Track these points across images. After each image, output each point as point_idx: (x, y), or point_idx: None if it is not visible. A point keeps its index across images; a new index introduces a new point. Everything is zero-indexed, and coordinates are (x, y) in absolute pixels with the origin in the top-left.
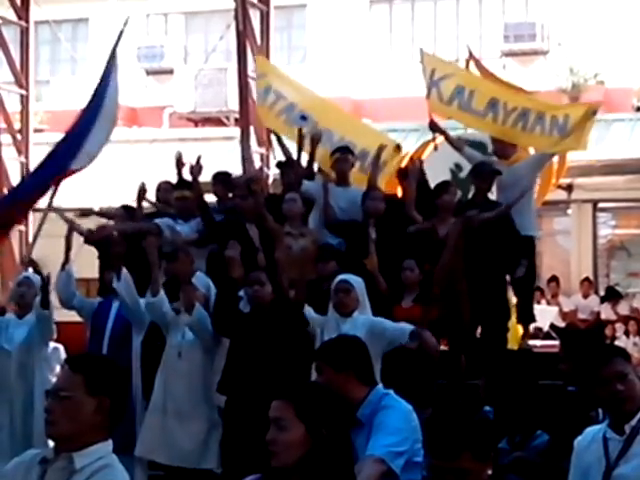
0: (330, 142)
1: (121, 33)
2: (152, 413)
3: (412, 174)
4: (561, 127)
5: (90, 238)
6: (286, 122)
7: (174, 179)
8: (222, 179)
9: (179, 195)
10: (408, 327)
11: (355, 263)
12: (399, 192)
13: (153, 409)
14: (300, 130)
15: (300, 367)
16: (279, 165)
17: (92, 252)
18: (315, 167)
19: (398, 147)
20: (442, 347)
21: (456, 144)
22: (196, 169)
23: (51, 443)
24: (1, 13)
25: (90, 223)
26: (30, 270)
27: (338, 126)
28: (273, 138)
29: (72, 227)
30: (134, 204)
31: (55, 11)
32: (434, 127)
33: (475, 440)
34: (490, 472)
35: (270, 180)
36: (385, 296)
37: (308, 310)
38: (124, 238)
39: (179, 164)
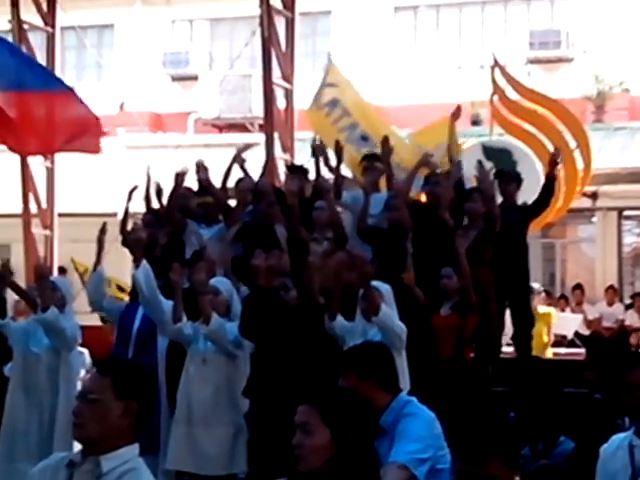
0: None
1: None
2: (178, 424)
3: (452, 175)
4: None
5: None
6: (347, 140)
7: (196, 185)
8: (244, 185)
9: (201, 201)
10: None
11: (380, 270)
12: (423, 197)
13: (178, 420)
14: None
15: (326, 371)
16: (290, 169)
17: (117, 257)
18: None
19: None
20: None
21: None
22: (202, 174)
23: (76, 447)
24: (28, 19)
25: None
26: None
27: (396, 151)
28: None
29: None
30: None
31: (81, 17)
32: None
33: (504, 446)
34: (518, 479)
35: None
36: (424, 307)
37: (339, 318)
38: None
39: (199, 171)
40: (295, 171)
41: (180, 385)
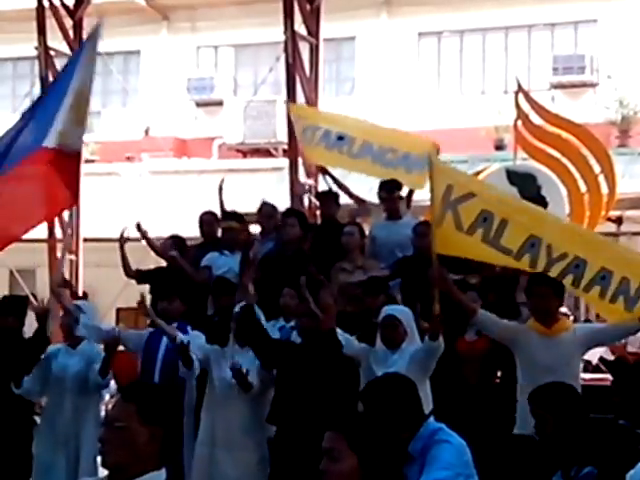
0: (371, 153)
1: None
2: (201, 445)
3: None
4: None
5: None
6: (326, 148)
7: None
8: (267, 211)
9: (225, 226)
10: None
11: (409, 297)
12: None
13: (202, 442)
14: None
15: (346, 397)
16: (319, 196)
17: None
18: None
19: (436, 147)
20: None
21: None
22: (143, 231)
23: (102, 472)
24: (54, 45)
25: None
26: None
27: (374, 136)
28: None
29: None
30: (182, 235)
31: (107, 43)
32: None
33: (532, 471)
34: None
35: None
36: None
37: (351, 339)
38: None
39: (220, 192)
40: (324, 196)
41: (204, 407)
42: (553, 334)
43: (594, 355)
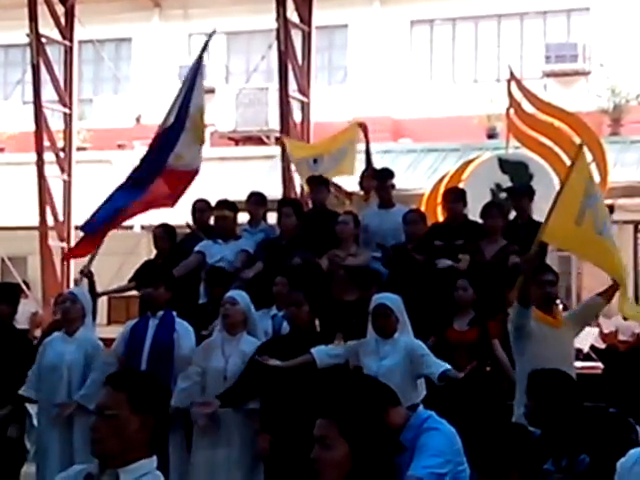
0: (335, 160)
1: (205, 45)
2: (198, 445)
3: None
4: None
5: None
6: (309, 173)
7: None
8: (256, 199)
9: (219, 214)
10: (442, 367)
11: (399, 286)
12: (439, 215)
13: (198, 443)
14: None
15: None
16: (309, 181)
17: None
18: None
19: (361, 125)
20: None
21: None
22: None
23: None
24: (46, 32)
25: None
26: (84, 282)
27: (331, 145)
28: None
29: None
30: (174, 223)
31: (98, 31)
32: None
33: (524, 460)
34: None
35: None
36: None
37: (328, 348)
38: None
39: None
40: (314, 182)
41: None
42: (558, 326)
43: (585, 342)
